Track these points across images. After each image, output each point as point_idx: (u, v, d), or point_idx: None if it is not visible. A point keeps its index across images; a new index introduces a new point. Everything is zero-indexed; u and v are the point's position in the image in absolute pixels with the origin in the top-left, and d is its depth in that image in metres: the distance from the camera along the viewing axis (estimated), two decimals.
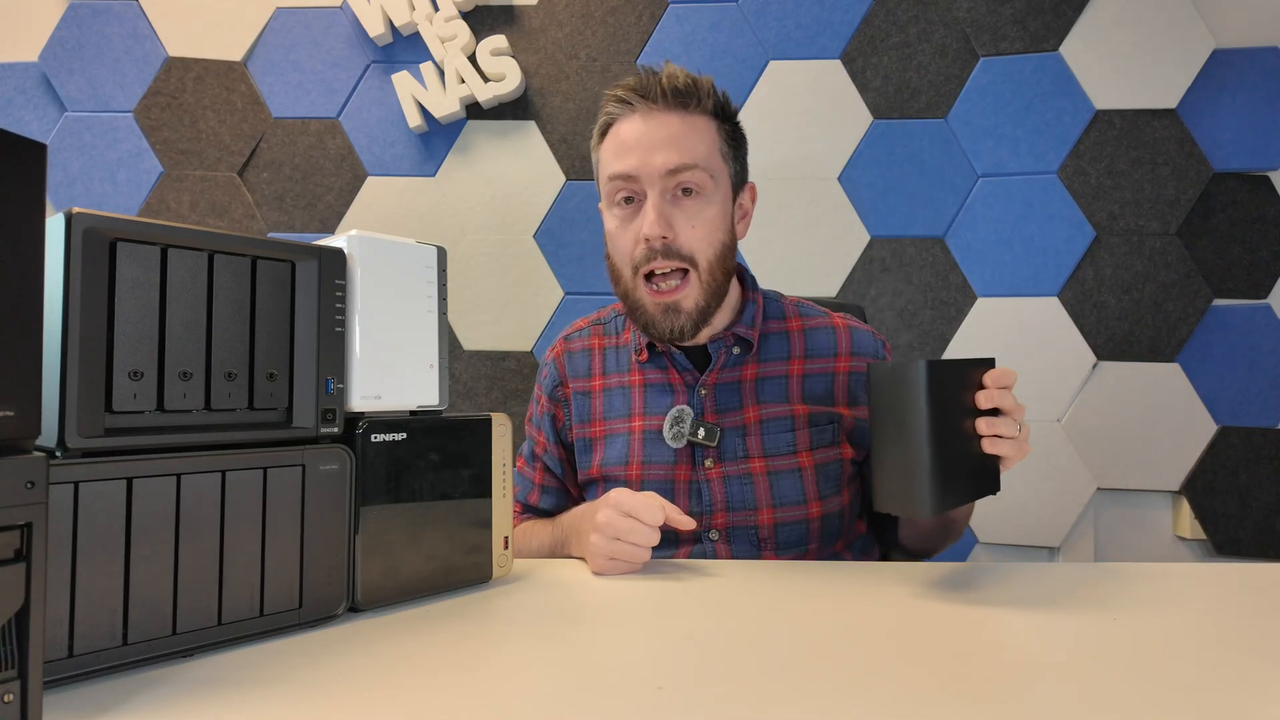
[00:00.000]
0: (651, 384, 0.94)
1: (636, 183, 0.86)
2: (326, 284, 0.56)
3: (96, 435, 0.45)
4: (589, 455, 0.95)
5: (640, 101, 0.86)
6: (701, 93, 0.87)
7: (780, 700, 0.43)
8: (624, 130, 0.87)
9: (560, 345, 1.03)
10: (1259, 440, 1.52)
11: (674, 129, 0.86)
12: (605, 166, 0.89)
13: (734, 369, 0.92)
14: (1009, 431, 0.69)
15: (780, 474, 0.88)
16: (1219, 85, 1.54)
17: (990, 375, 0.70)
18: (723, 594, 0.65)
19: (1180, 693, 0.44)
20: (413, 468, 0.61)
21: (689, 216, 0.86)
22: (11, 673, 0.36)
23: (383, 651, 0.50)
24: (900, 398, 0.64)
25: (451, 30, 1.62)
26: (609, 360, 0.98)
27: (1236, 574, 0.71)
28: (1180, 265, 1.54)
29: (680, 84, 0.86)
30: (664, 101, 0.86)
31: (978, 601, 0.63)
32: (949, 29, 1.61)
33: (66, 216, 0.44)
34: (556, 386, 1.00)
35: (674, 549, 0.88)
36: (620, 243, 0.89)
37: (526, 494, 1.01)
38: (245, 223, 1.67)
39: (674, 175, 0.85)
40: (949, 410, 0.66)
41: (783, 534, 0.88)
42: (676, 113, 0.86)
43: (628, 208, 0.88)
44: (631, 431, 0.92)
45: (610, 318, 1.03)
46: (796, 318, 0.97)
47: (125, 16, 1.68)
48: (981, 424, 0.69)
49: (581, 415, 0.97)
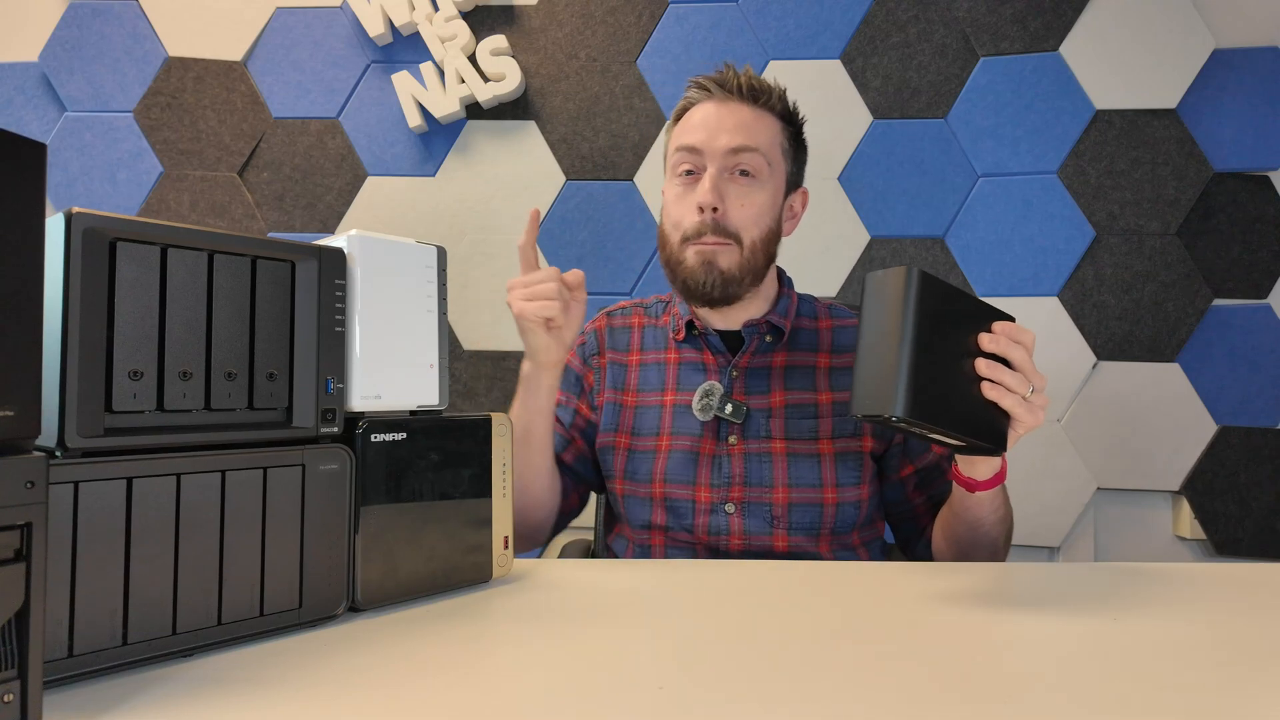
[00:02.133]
0: (686, 362, 0.99)
1: (699, 156, 0.93)
2: (326, 284, 0.56)
3: (96, 435, 0.45)
4: (617, 420, 1.00)
5: (717, 90, 0.95)
6: (773, 94, 0.96)
7: (780, 700, 0.43)
8: (697, 113, 0.95)
9: (602, 319, 1.08)
10: (1259, 440, 1.52)
11: (743, 116, 0.93)
12: (674, 141, 0.97)
13: (765, 355, 0.98)
14: (1015, 385, 0.67)
15: (799, 457, 0.92)
16: (1219, 85, 1.54)
17: (1000, 325, 0.69)
18: (723, 594, 0.65)
19: (1180, 693, 0.44)
20: (413, 468, 0.61)
21: (741, 195, 0.92)
22: (11, 673, 0.36)
23: (383, 651, 0.50)
24: (889, 300, 0.64)
25: (451, 30, 1.62)
26: (647, 338, 1.04)
27: (1236, 574, 0.71)
28: (1180, 265, 1.54)
29: (756, 82, 0.95)
30: (738, 93, 0.94)
31: (978, 601, 0.63)
32: (949, 29, 1.61)
33: (66, 216, 0.44)
34: (593, 355, 1.05)
35: (692, 519, 0.92)
36: (675, 211, 0.95)
37: None
38: (245, 223, 1.67)
39: (734, 154, 0.92)
40: (942, 329, 0.64)
41: (795, 515, 0.91)
42: (748, 104, 0.94)
43: (687, 179, 0.95)
44: (664, 405, 0.97)
45: (652, 303, 1.08)
46: (828, 317, 1.02)
47: (125, 16, 1.68)
48: (982, 365, 0.67)
49: (615, 383, 1.02)
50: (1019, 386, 0.68)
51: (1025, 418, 0.69)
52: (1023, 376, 0.68)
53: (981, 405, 0.68)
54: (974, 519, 0.83)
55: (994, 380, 0.67)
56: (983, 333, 0.68)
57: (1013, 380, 0.67)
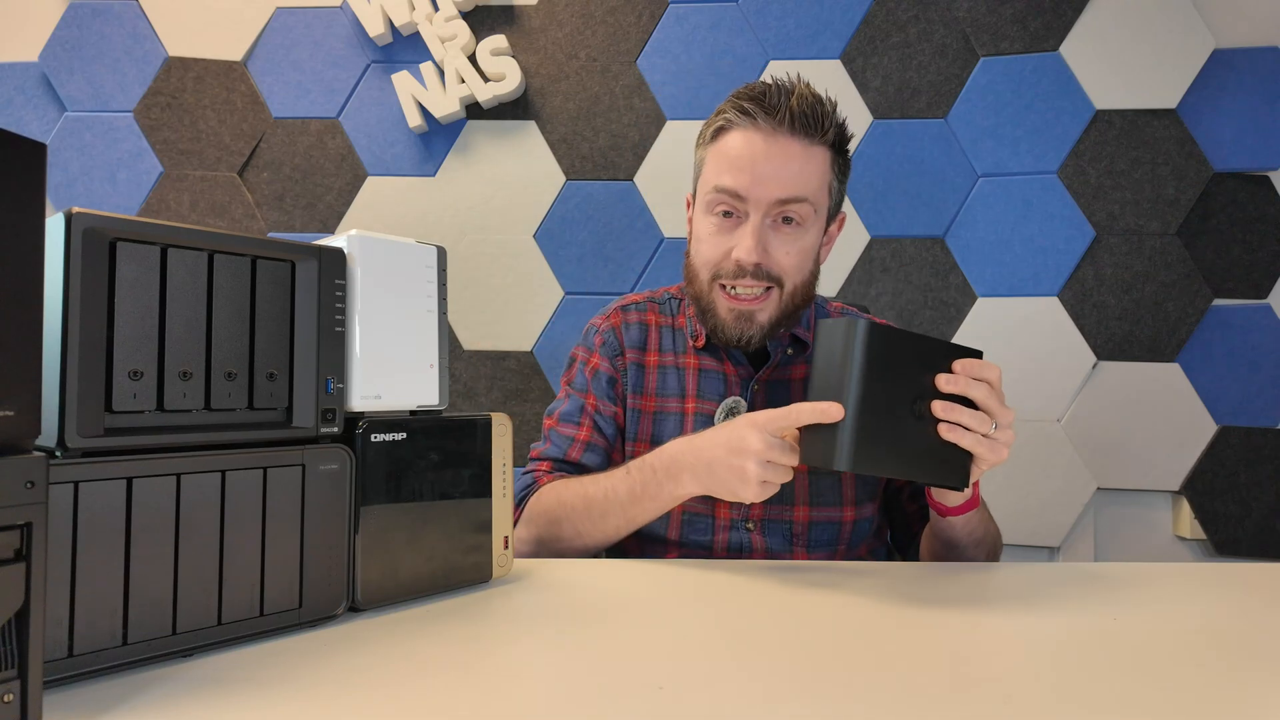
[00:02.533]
0: (706, 370, 0.95)
1: (742, 202, 0.84)
2: (326, 284, 0.56)
3: (96, 435, 0.45)
4: (637, 427, 0.96)
5: (765, 119, 0.83)
6: (827, 121, 0.85)
7: (780, 700, 0.43)
8: (740, 142, 0.84)
9: (617, 315, 1.01)
10: (1259, 440, 1.52)
11: (793, 157, 0.83)
12: (711, 175, 0.87)
13: (785, 368, 0.95)
14: (974, 424, 0.66)
15: (820, 475, 0.90)
16: (1219, 85, 1.54)
17: (961, 363, 0.67)
18: (723, 594, 0.65)
19: (1180, 693, 0.44)
20: (413, 468, 0.61)
21: (785, 243, 0.86)
22: (11, 673, 0.36)
23: (383, 651, 0.50)
24: (836, 352, 0.64)
25: (451, 30, 1.62)
26: (665, 339, 0.99)
27: (1236, 574, 0.71)
28: (1180, 265, 1.54)
29: (809, 108, 0.83)
30: (789, 126, 0.83)
31: (977, 601, 0.63)
32: (949, 29, 1.61)
33: (66, 216, 0.44)
34: (617, 355, 0.99)
35: (710, 536, 0.90)
36: (708, 251, 0.88)
37: (564, 450, 0.96)
38: (245, 223, 1.67)
39: (781, 205, 0.84)
40: (893, 377, 0.64)
41: (815, 532, 0.89)
42: (799, 140, 0.83)
43: (725, 221, 0.87)
44: (685, 413, 0.94)
45: (664, 299, 1.03)
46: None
47: (125, 16, 1.68)
48: (938, 407, 0.66)
49: (636, 386, 0.97)
50: (979, 425, 0.66)
51: (987, 455, 0.68)
52: (983, 415, 0.67)
53: (941, 444, 0.68)
54: (949, 540, 0.83)
55: (952, 422, 0.66)
56: (941, 373, 0.67)
57: (971, 420, 0.66)
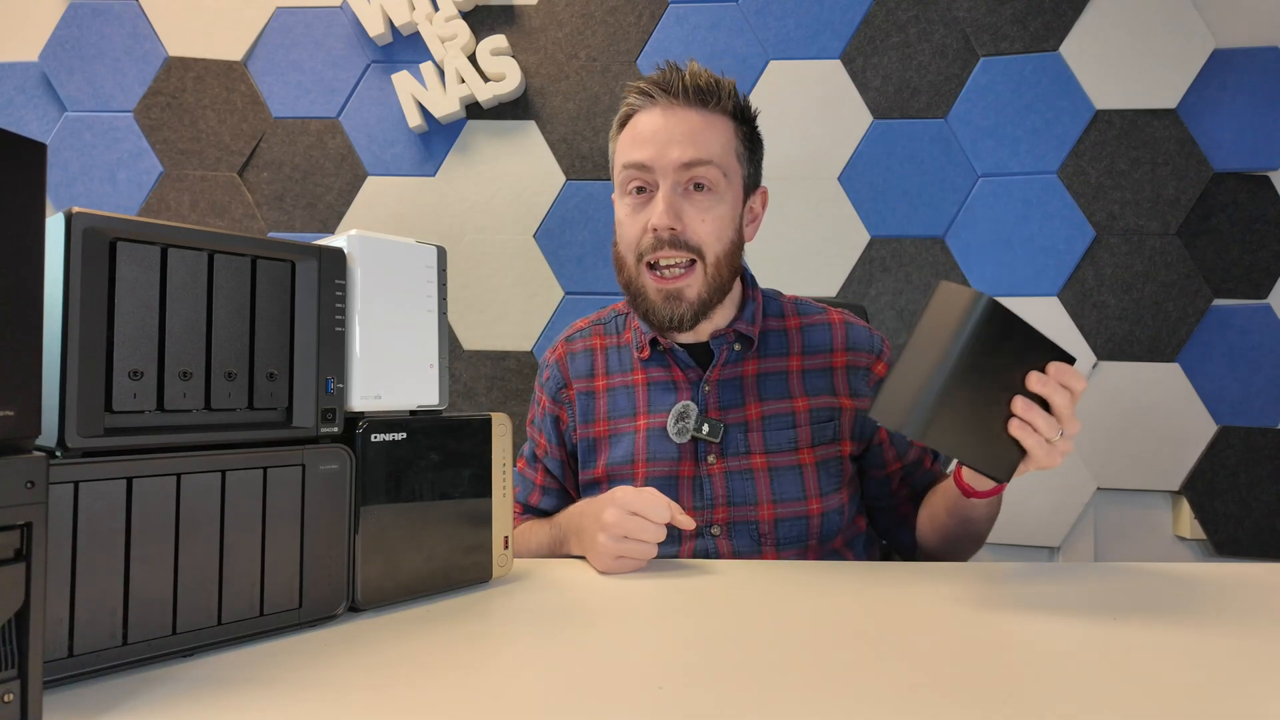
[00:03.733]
0: (655, 382, 0.94)
1: (650, 173, 0.87)
2: (326, 284, 0.56)
3: (96, 435, 0.45)
4: (594, 456, 0.95)
5: (662, 95, 0.87)
6: (723, 92, 0.88)
7: (780, 700, 0.43)
8: (643, 122, 0.88)
9: (562, 347, 1.02)
10: (1259, 440, 1.52)
11: (692, 124, 0.87)
12: (621, 155, 0.90)
13: (735, 365, 0.93)
14: (1044, 429, 0.66)
15: (781, 470, 0.89)
16: (1219, 85, 1.54)
17: (1056, 366, 0.66)
18: (723, 594, 0.65)
19: (1180, 693, 0.44)
20: (413, 467, 0.61)
21: (699, 210, 0.87)
22: (11, 672, 0.36)
23: (383, 651, 0.50)
24: (948, 320, 0.62)
25: (451, 30, 1.62)
26: (611, 360, 0.98)
27: (1236, 574, 0.71)
28: (1180, 265, 1.54)
29: (703, 82, 0.87)
30: (685, 98, 0.87)
31: (977, 601, 0.63)
32: (949, 29, 1.61)
33: (66, 216, 0.44)
34: (560, 389, 0.99)
35: (676, 545, 0.88)
36: (628, 231, 0.90)
37: (527, 495, 1.01)
38: (245, 223, 1.67)
39: (688, 169, 0.86)
40: (991, 360, 0.63)
41: (783, 530, 0.88)
42: (696, 109, 0.87)
43: (639, 197, 0.89)
44: (637, 430, 0.93)
45: (610, 318, 1.03)
46: (795, 315, 0.97)
47: (125, 16, 1.68)
48: (1019, 403, 0.66)
49: (586, 415, 0.96)
50: (1047, 430, 0.66)
51: (1043, 460, 0.67)
52: (1055, 421, 0.66)
53: (1002, 436, 0.67)
54: (966, 518, 0.84)
55: (1025, 420, 0.66)
56: (1034, 371, 0.66)
57: (1044, 424, 0.65)
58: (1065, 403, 0.66)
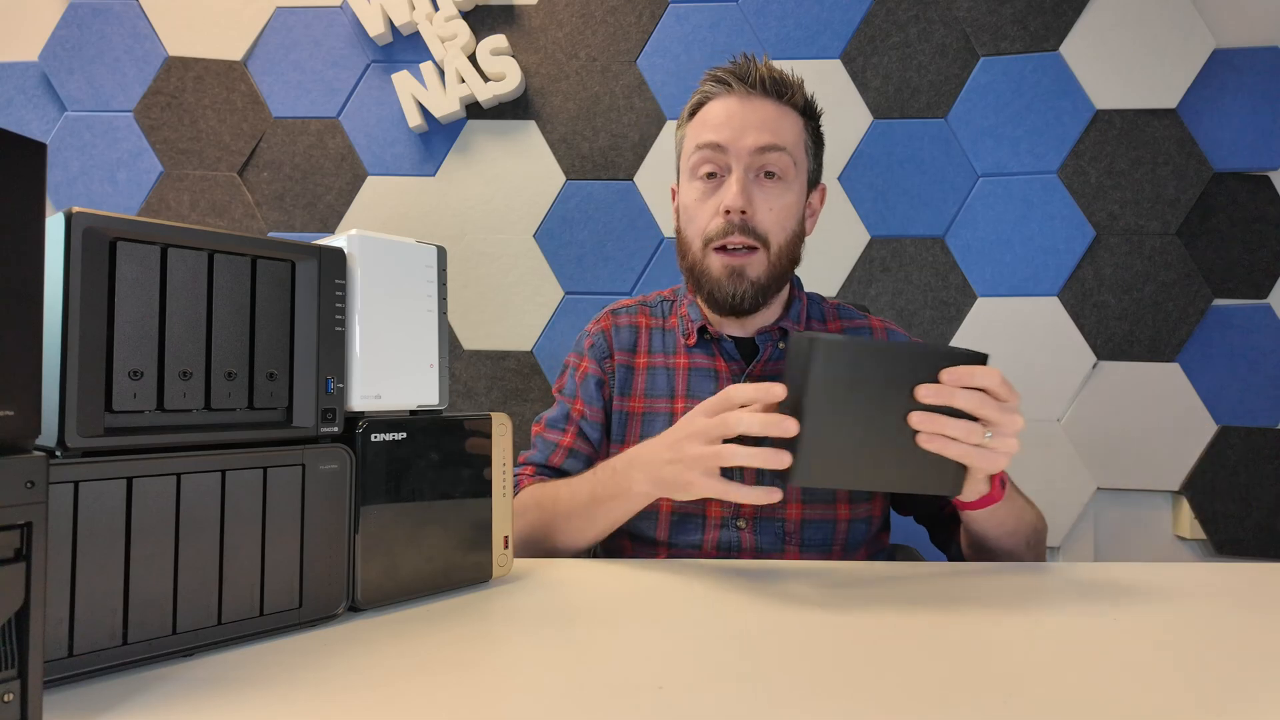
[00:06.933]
0: (696, 368, 0.96)
1: (724, 155, 0.89)
2: (326, 283, 0.56)
3: (96, 435, 0.45)
4: (624, 429, 0.96)
5: (738, 84, 0.90)
6: (795, 87, 0.91)
7: (780, 700, 0.43)
8: (718, 108, 0.90)
9: (607, 319, 1.03)
10: (1259, 440, 1.52)
11: (767, 113, 0.89)
12: (693, 138, 0.92)
13: (778, 363, 0.94)
14: (963, 434, 0.63)
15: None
16: (1219, 85, 1.54)
17: (948, 371, 0.64)
18: (723, 594, 0.65)
19: (1180, 692, 0.44)
20: (413, 467, 0.61)
21: (768, 198, 0.89)
22: (11, 672, 0.36)
23: (383, 651, 0.50)
24: (797, 369, 0.64)
25: (451, 30, 1.62)
26: (655, 340, 1.00)
27: (1236, 574, 0.71)
28: (1180, 265, 1.54)
29: (777, 74, 0.91)
30: (760, 87, 0.89)
31: (976, 601, 0.63)
32: (949, 29, 1.61)
33: (66, 216, 0.44)
34: (605, 358, 1.00)
35: (700, 535, 0.89)
36: (697, 215, 0.91)
37: (547, 456, 0.97)
38: (245, 222, 1.67)
39: (761, 154, 0.88)
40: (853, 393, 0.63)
41: (808, 531, 0.88)
42: (771, 100, 0.90)
43: (709, 182, 0.91)
44: (674, 412, 0.93)
45: (656, 301, 1.04)
46: (836, 319, 1.00)
47: (125, 16, 1.68)
48: (914, 418, 0.64)
49: (624, 388, 0.97)
50: (968, 435, 0.63)
51: (979, 463, 0.65)
52: (972, 424, 0.64)
53: (928, 456, 0.65)
54: (978, 532, 0.82)
55: (934, 432, 0.64)
56: (921, 386, 0.64)
57: (959, 430, 0.63)
58: (977, 403, 0.63)
